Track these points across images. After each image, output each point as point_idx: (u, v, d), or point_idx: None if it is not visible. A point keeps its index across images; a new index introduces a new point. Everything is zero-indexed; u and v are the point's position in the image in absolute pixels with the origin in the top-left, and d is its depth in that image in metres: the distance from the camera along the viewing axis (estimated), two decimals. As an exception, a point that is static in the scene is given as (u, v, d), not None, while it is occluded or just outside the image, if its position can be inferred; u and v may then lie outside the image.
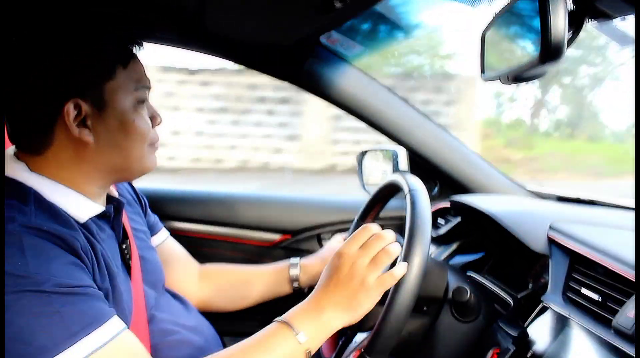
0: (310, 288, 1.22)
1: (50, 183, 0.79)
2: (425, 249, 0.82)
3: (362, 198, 1.48)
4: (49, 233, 0.70)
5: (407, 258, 0.81)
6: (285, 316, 0.80)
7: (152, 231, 1.11)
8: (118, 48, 0.82)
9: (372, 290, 0.80)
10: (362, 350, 0.79)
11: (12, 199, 0.72)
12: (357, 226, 1.22)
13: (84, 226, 0.79)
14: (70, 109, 0.77)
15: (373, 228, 0.87)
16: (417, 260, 0.80)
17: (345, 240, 1.23)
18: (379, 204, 1.19)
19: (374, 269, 0.81)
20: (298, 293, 1.21)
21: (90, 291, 0.70)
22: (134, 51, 0.86)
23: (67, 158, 0.80)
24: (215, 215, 1.65)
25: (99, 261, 0.77)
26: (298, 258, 1.23)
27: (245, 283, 1.22)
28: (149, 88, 0.87)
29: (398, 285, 0.79)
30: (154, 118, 0.88)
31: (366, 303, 0.80)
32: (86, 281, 0.71)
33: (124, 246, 0.90)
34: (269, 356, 0.76)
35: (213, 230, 1.64)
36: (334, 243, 1.26)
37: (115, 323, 0.71)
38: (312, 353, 0.79)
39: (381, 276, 0.81)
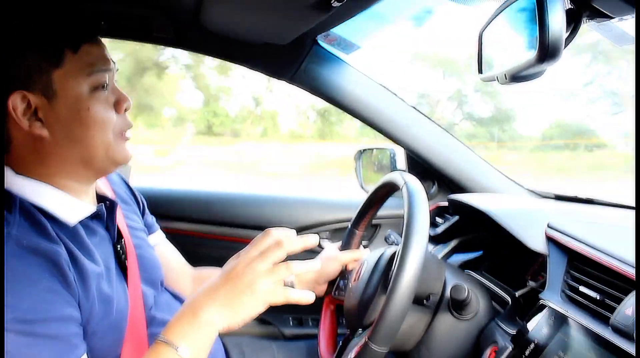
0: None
1: (35, 184, 0.77)
2: (424, 234, 0.81)
3: (360, 196, 1.48)
4: (29, 248, 0.67)
5: (407, 243, 0.80)
6: (164, 331, 0.74)
7: (148, 231, 1.11)
8: (64, 33, 0.77)
9: (259, 295, 0.74)
10: (367, 339, 0.79)
11: None
12: (351, 232, 1.22)
13: (72, 231, 0.77)
14: (16, 103, 0.73)
15: (275, 233, 0.79)
16: (417, 245, 0.80)
17: (340, 248, 1.24)
18: (375, 207, 1.18)
19: (268, 276, 0.74)
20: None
21: (53, 331, 0.66)
22: (92, 33, 0.80)
23: (30, 154, 0.77)
24: (212, 214, 1.65)
25: (82, 272, 0.74)
26: None
27: None
28: (109, 70, 0.82)
29: (399, 271, 0.78)
30: (119, 103, 0.83)
31: (249, 307, 0.74)
32: (56, 312, 0.67)
33: (118, 247, 0.88)
34: None
35: (210, 229, 1.64)
36: (329, 252, 1.23)
37: None
38: None
39: (273, 287, 0.75)
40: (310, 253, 1.32)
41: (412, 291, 0.78)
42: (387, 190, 1.10)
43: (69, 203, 0.79)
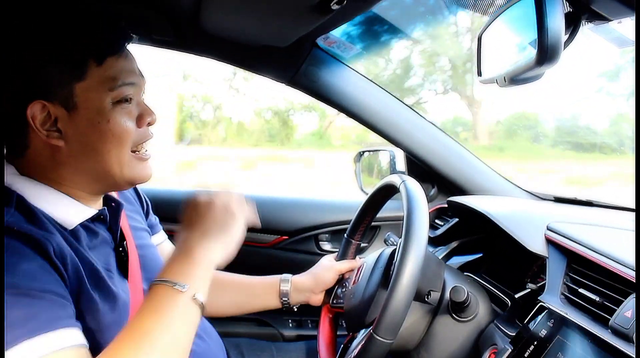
0: (301, 305, 1.22)
1: (37, 186, 0.77)
2: (424, 227, 0.82)
3: (359, 198, 1.48)
4: (20, 233, 0.67)
5: (408, 235, 0.81)
6: (159, 275, 0.72)
7: (151, 232, 1.11)
8: (90, 45, 0.75)
9: (238, 215, 0.82)
10: (372, 330, 0.78)
11: None
12: (347, 241, 1.21)
13: (72, 232, 0.77)
14: (36, 113, 0.73)
15: (203, 196, 0.84)
16: (419, 237, 0.80)
17: (336, 259, 1.23)
18: (370, 215, 1.18)
19: (232, 197, 0.84)
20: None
21: (48, 298, 0.65)
22: (119, 45, 0.79)
23: (46, 161, 0.77)
24: None
25: (87, 268, 0.74)
26: (290, 275, 1.21)
27: (235, 294, 1.20)
28: (134, 84, 0.80)
29: (402, 261, 0.78)
30: (142, 117, 0.82)
31: (236, 230, 0.81)
32: (49, 286, 0.66)
33: (120, 249, 0.88)
34: (163, 318, 0.68)
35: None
36: (325, 262, 1.22)
37: (71, 335, 0.65)
38: (203, 299, 0.72)
39: (238, 203, 0.84)
40: (309, 255, 1.33)
41: (415, 281, 0.78)
42: (383, 194, 1.10)
43: (69, 207, 0.78)
